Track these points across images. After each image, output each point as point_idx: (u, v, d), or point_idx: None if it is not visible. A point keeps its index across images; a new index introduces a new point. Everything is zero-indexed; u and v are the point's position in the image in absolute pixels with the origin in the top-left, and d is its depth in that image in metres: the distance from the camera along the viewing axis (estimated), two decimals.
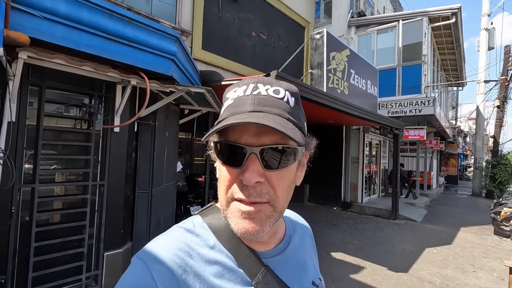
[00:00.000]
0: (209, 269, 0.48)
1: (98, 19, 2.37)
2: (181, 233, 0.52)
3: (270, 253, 0.56)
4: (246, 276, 0.50)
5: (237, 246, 0.52)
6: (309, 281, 0.61)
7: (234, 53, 6.99)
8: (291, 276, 0.56)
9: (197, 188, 5.54)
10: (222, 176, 0.50)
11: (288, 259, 0.58)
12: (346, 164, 9.02)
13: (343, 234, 6.12)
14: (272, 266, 0.54)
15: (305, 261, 0.64)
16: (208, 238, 0.52)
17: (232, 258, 0.51)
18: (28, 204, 2.36)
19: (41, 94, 2.42)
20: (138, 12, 5.23)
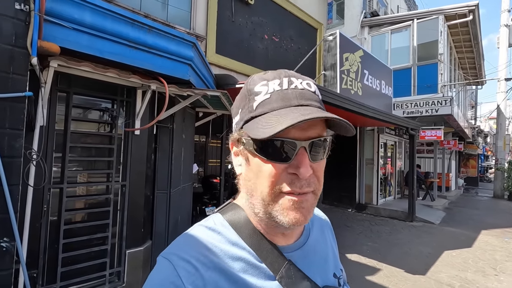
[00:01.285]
0: (233, 265, 0.49)
1: (120, 28, 2.50)
2: (203, 231, 0.53)
3: (291, 247, 0.56)
4: (269, 271, 0.51)
5: (258, 241, 0.52)
6: (330, 273, 0.62)
7: (247, 57, 7.09)
8: (313, 269, 0.57)
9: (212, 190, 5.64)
10: (265, 172, 0.47)
11: (309, 253, 0.59)
12: (361, 165, 8.92)
13: (358, 236, 6.06)
14: (294, 260, 0.54)
15: (326, 254, 0.65)
16: (230, 235, 0.52)
17: (255, 254, 0.51)
18: (57, 203, 2.51)
19: (68, 100, 2.57)
20: (155, 19, 5.41)
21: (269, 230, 0.54)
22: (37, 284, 2.37)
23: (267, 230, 0.54)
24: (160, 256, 0.50)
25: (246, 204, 0.55)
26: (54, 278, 2.47)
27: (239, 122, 0.52)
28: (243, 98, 0.52)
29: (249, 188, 0.52)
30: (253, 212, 0.53)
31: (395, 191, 10.18)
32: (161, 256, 0.50)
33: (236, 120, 0.53)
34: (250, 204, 0.53)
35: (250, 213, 0.54)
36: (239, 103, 0.53)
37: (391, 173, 9.96)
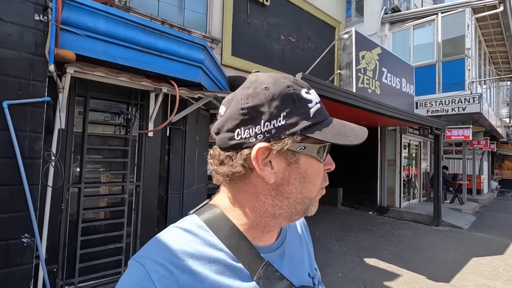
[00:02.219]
0: (209, 267, 0.48)
1: (133, 34, 2.60)
2: (177, 233, 0.51)
3: (270, 247, 0.57)
4: (247, 272, 0.51)
5: (236, 242, 0.52)
6: (306, 273, 0.63)
7: (263, 58, 7.10)
8: (290, 269, 0.58)
9: None
10: (319, 173, 0.54)
11: (286, 253, 0.60)
12: (382, 166, 8.62)
13: (378, 240, 5.85)
14: (271, 260, 0.54)
15: (302, 253, 0.66)
16: (206, 237, 0.52)
17: (232, 255, 0.51)
18: (75, 202, 2.65)
19: (85, 104, 2.71)
20: (171, 24, 5.57)
21: (254, 232, 0.54)
22: (57, 279, 2.51)
23: (251, 231, 0.54)
24: (132, 260, 0.48)
25: (234, 205, 0.55)
26: (72, 273, 2.60)
27: (288, 127, 0.49)
28: (286, 103, 0.49)
29: (284, 193, 0.52)
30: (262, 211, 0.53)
31: (420, 194, 9.72)
32: (133, 260, 0.48)
33: (276, 124, 0.49)
34: (273, 206, 0.52)
35: (238, 214, 0.54)
36: (282, 107, 0.49)
37: (415, 175, 9.53)
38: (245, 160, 0.50)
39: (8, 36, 2.02)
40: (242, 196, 0.54)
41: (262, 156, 0.49)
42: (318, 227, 6.71)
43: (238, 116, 0.49)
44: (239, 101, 0.50)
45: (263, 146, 0.49)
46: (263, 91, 0.50)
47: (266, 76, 0.53)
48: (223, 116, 0.52)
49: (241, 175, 0.51)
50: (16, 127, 2.02)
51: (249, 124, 0.49)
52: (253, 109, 0.49)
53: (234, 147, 0.50)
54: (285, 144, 0.49)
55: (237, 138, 0.50)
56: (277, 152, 0.50)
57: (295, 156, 0.51)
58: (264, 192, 0.52)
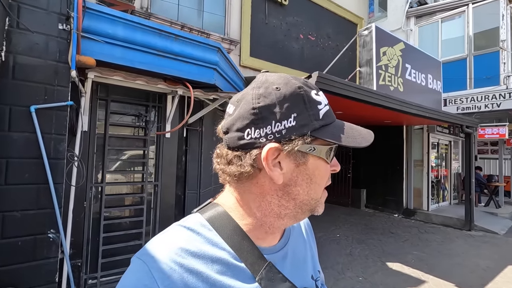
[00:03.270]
0: (211, 266, 0.48)
1: (149, 39, 2.69)
2: (180, 231, 0.51)
3: (272, 249, 0.57)
4: (250, 272, 0.51)
5: (239, 242, 0.52)
6: (309, 275, 0.63)
7: (281, 58, 7.07)
8: (292, 271, 0.57)
9: None
10: (322, 174, 0.54)
11: (289, 254, 0.59)
12: (408, 167, 8.24)
13: (403, 244, 5.60)
14: (274, 261, 0.54)
15: (305, 255, 0.65)
16: (209, 235, 0.51)
17: (235, 255, 0.51)
18: (98, 200, 2.79)
19: (106, 107, 2.85)
20: (191, 28, 5.70)
21: (258, 232, 0.54)
22: (81, 272, 2.66)
23: (254, 232, 0.54)
24: (135, 257, 0.49)
25: (239, 205, 0.54)
26: (95, 268, 2.74)
27: (298, 128, 0.49)
28: (297, 104, 0.50)
29: (291, 193, 0.52)
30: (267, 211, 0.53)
31: (450, 196, 9.17)
32: (136, 257, 0.48)
33: (287, 125, 0.49)
34: (279, 206, 0.52)
35: (243, 214, 0.54)
36: (293, 108, 0.49)
37: (445, 176, 9.01)
38: (254, 160, 0.49)
39: (35, 45, 2.17)
40: (248, 195, 0.53)
41: (272, 157, 0.49)
42: (339, 229, 6.56)
43: (249, 115, 0.49)
44: (250, 101, 0.50)
45: (273, 146, 0.49)
46: (274, 91, 0.50)
47: (276, 76, 0.53)
48: (232, 115, 0.51)
49: (249, 175, 0.51)
50: (42, 130, 2.16)
51: (259, 124, 0.49)
52: (264, 109, 0.49)
53: (243, 147, 0.50)
54: (295, 145, 0.49)
55: (247, 138, 0.49)
56: (287, 153, 0.50)
57: (304, 157, 0.51)
58: (271, 192, 0.52)
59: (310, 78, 3.56)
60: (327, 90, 3.67)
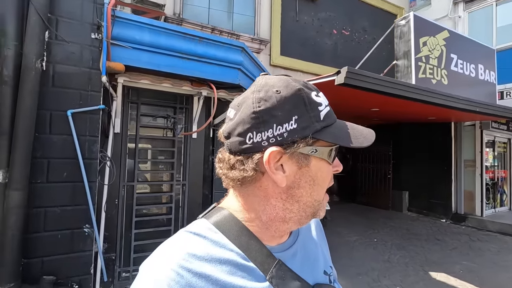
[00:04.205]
0: (220, 268, 0.48)
1: (174, 42, 2.78)
2: (187, 237, 0.52)
3: (281, 247, 0.57)
4: (260, 272, 0.51)
5: (247, 242, 0.52)
6: (321, 271, 0.63)
7: (313, 55, 6.88)
8: (303, 268, 0.57)
9: None
10: (325, 175, 0.54)
11: (298, 251, 0.59)
12: (457, 168, 7.47)
13: (450, 252, 5.09)
14: (284, 259, 0.54)
15: (316, 251, 0.66)
16: (216, 238, 0.52)
17: (243, 255, 0.51)
18: (129, 198, 2.95)
19: (137, 109, 3.00)
20: (221, 31, 5.81)
21: (264, 235, 0.54)
22: (115, 265, 2.83)
23: (261, 234, 0.54)
24: (142, 265, 0.49)
25: (244, 208, 0.54)
26: (128, 262, 2.90)
27: (300, 131, 0.49)
28: (298, 106, 0.50)
29: (295, 196, 0.52)
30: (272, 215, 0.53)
31: (510, 201, 8.14)
32: (143, 265, 0.49)
33: (288, 127, 0.49)
34: (283, 210, 0.53)
35: (249, 217, 0.54)
36: (294, 110, 0.49)
37: (503, 178, 8.02)
38: (256, 164, 0.50)
39: (71, 54, 2.36)
40: (252, 199, 0.53)
41: (274, 160, 0.49)
42: (377, 233, 6.18)
43: (250, 120, 0.49)
44: (251, 105, 0.49)
45: (275, 150, 0.48)
46: (274, 94, 0.49)
47: (276, 79, 0.52)
48: (233, 119, 0.51)
49: (252, 179, 0.51)
50: (78, 132, 2.34)
51: (261, 128, 0.49)
52: (265, 113, 0.48)
53: (245, 151, 0.50)
54: (297, 148, 0.49)
55: (249, 143, 0.49)
56: (289, 156, 0.50)
57: (307, 159, 0.51)
58: (275, 196, 0.52)
59: (339, 74, 3.39)
60: (358, 86, 3.47)
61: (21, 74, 2.07)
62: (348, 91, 3.78)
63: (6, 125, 2.04)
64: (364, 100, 4.67)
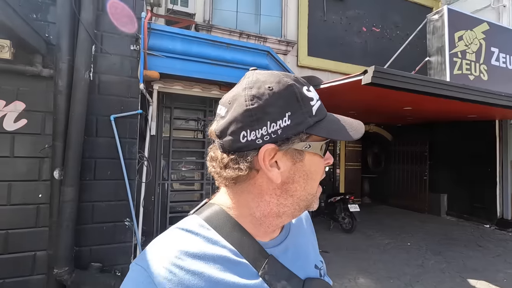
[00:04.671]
0: (213, 265, 0.48)
1: (204, 50, 2.96)
2: (179, 234, 0.51)
3: (273, 242, 0.57)
4: (252, 268, 0.51)
5: (240, 238, 0.52)
6: (312, 265, 0.63)
7: (342, 54, 6.78)
8: (295, 263, 0.57)
9: None
10: (318, 169, 0.54)
11: (290, 246, 0.59)
12: (503, 169, 6.91)
13: (493, 260, 4.75)
14: (275, 255, 0.54)
15: (306, 246, 0.66)
16: (208, 235, 0.51)
17: (236, 251, 0.51)
18: (164, 195, 3.18)
19: (171, 113, 3.23)
20: (248, 34, 5.96)
21: (257, 231, 0.54)
22: None
23: (254, 230, 0.54)
24: (134, 264, 0.48)
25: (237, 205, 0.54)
26: None
27: (293, 127, 0.49)
28: (290, 102, 0.49)
29: (289, 191, 0.52)
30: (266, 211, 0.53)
31: None
32: (135, 263, 0.48)
33: (282, 124, 0.48)
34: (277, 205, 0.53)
35: (242, 213, 0.54)
36: (287, 107, 0.49)
37: None
38: (251, 162, 0.49)
39: (113, 65, 2.62)
40: (246, 196, 0.53)
41: (269, 157, 0.49)
42: (411, 237, 5.93)
43: (243, 118, 0.48)
44: (243, 103, 0.48)
45: (270, 147, 0.48)
46: (267, 91, 0.49)
47: (267, 74, 0.52)
48: (225, 118, 0.50)
49: (247, 177, 0.51)
50: (119, 135, 2.60)
51: (255, 126, 0.48)
52: (258, 111, 0.48)
53: (239, 150, 0.49)
54: (291, 144, 0.49)
55: (243, 141, 0.48)
56: (283, 152, 0.50)
57: (301, 155, 0.51)
58: (269, 192, 0.52)
59: (365, 74, 3.36)
60: (386, 85, 3.41)
61: (73, 84, 2.35)
62: (377, 90, 3.72)
63: (61, 129, 2.33)
64: (395, 99, 4.54)
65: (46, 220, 2.34)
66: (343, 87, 3.96)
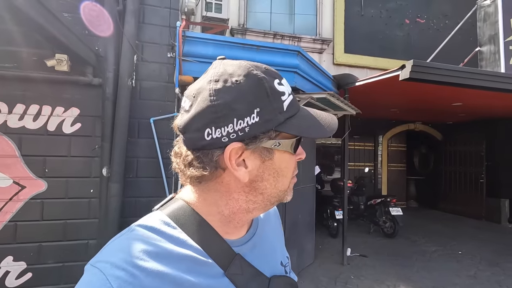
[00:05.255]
0: (178, 266, 0.45)
1: (235, 53, 3.06)
2: (140, 232, 0.48)
3: (241, 240, 0.55)
4: (218, 267, 0.49)
5: (206, 237, 0.50)
6: (278, 262, 0.62)
7: (382, 49, 6.47)
8: (262, 260, 0.56)
9: (341, 193, 5.50)
10: (291, 166, 0.53)
11: (257, 244, 0.58)
12: None
13: None
14: (243, 253, 0.53)
15: (273, 243, 0.65)
16: (173, 233, 0.48)
17: (202, 251, 0.48)
18: None
19: None
20: (283, 35, 5.98)
21: (227, 227, 0.53)
22: None
23: (223, 227, 0.52)
24: (89, 265, 0.44)
25: (205, 203, 0.52)
26: None
27: (262, 124, 0.46)
28: (259, 97, 0.46)
29: (258, 189, 0.50)
30: (235, 208, 0.51)
31: None
32: (89, 265, 0.44)
33: (250, 121, 0.45)
34: (246, 202, 0.51)
35: (210, 211, 0.52)
36: (255, 103, 0.45)
37: None
38: (216, 161, 0.47)
39: (152, 72, 2.85)
40: (214, 194, 0.51)
41: (235, 156, 0.46)
42: (463, 245, 5.42)
43: (208, 114, 0.45)
44: (207, 98, 0.45)
45: (236, 146, 0.46)
46: (233, 85, 0.45)
47: (235, 66, 0.48)
48: (189, 112, 0.47)
49: (213, 175, 0.48)
50: (158, 136, 2.81)
51: (220, 123, 0.44)
52: (224, 107, 0.44)
53: (204, 148, 0.47)
54: (260, 142, 0.47)
55: (208, 139, 0.45)
56: (251, 151, 0.47)
57: (270, 153, 0.49)
58: (237, 190, 0.50)
59: (403, 69, 3.18)
60: (428, 80, 3.18)
61: (118, 91, 2.62)
62: (419, 85, 3.50)
63: (109, 132, 2.61)
64: (441, 95, 4.21)
65: (96, 213, 2.63)
66: (380, 83, 3.78)
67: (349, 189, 5.98)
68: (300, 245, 4.03)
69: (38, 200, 2.57)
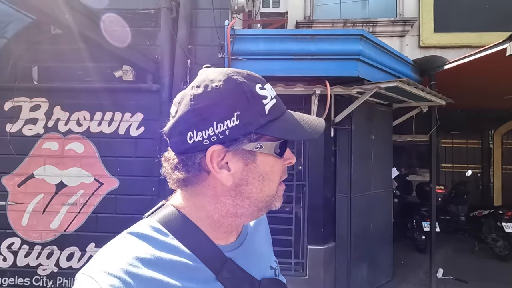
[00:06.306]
0: (170, 272, 0.46)
1: (286, 46, 2.86)
2: (132, 240, 0.48)
3: (232, 245, 0.56)
4: (210, 272, 0.49)
5: (197, 243, 0.51)
6: (267, 266, 0.63)
7: (485, 21, 5.14)
8: (252, 265, 0.57)
9: (429, 200, 4.59)
10: (278, 170, 0.52)
11: (247, 249, 0.59)
12: None
13: None
14: (234, 258, 0.54)
15: (262, 247, 0.66)
16: (165, 240, 0.49)
17: (194, 256, 0.49)
18: None
19: None
20: (354, 22, 5.39)
21: (217, 233, 0.53)
22: None
23: (214, 233, 0.53)
24: (80, 273, 0.44)
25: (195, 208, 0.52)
26: None
27: (242, 127, 0.46)
28: (239, 101, 0.47)
29: (244, 193, 0.50)
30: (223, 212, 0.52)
31: None
32: (81, 274, 0.44)
33: (230, 124, 0.46)
34: (234, 206, 0.51)
35: (200, 216, 0.52)
36: (235, 106, 0.46)
37: None
38: (199, 164, 0.48)
39: None
40: (202, 198, 0.52)
41: (217, 159, 0.48)
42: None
43: (189, 118, 0.47)
44: (188, 103, 0.47)
45: (217, 149, 0.47)
46: (213, 90, 0.47)
47: (216, 72, 0.50)
48: (174, 117, 0.49)
49: (198, 179, 0.50)
50: None
51: (201, 126, 0.46)
52: (204, 110, 0.46)
53: (187, 151, 0.48)
54: (240, 145, 0.48)
55: (190, 142, 0.47)
56: (233, 153, 0.48)
57: (253, 156, 0.50)
58: (224, 194, 0.51)
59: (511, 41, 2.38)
60: None
61: (172, 95, 2.75)
62: None
63: None
64: None
65: None
66: (479, 63, 2.94)
67: (441, 196, 4.95)
68: (372, 259, 3.50)
69: (112, 196, 2.93)
